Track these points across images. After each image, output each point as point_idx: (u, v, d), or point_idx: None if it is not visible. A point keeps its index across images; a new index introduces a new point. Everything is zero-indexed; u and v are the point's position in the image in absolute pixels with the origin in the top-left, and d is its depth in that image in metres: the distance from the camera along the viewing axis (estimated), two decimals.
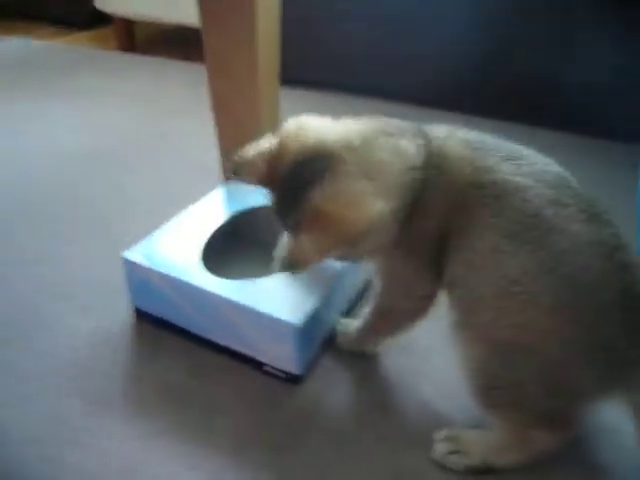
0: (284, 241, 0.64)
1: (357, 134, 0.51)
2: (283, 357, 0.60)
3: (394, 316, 0.59)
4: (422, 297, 0.56)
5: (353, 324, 0.64)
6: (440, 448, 0.53)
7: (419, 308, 0.57)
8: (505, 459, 0.52)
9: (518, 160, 0.49)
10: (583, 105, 1.17)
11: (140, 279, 0.66)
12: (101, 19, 1.88)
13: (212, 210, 0.75)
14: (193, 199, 0.77)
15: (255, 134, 0.74)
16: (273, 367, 0.61)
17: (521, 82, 1.21)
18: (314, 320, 0.59)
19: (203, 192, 0.79)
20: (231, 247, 0.75)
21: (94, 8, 1.76)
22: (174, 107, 1.35)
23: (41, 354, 0.64)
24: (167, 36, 2.01)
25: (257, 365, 0.62)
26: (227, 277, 0.63)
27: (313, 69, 1.41)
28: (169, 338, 0.66)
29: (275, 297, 0.60)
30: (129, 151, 1.13)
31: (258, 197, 0.75)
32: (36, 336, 0.66)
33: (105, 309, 0.71)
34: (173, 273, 0.63)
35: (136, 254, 0.65)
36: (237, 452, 0.54)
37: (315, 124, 0.53)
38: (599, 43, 1.12)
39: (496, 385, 0.50)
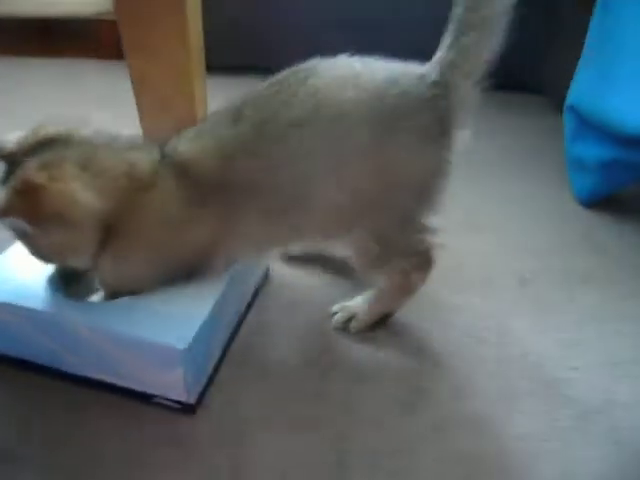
0: None
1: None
2: (173, 386, 0.50)
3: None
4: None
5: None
6: (337, 318, 0.61)
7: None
8: (392, 305, 0.61)
9: None
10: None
11: None
12: None
13: None
14: None
15: (189, 119, 0.65)
16: (164, 398, 0.52)
17: None
18: (202, 338, 0.50)
19: None
20: None
21: None
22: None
23: None
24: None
25: (146, 398, 0.52)
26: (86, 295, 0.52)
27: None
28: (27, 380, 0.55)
29: (151, 317, 0.50)
30: None
31: None
32: None
33: None
34: (24, 302, 0.51)
35: None
36: None
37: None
38: None
39: (368, 207, 0.52)
